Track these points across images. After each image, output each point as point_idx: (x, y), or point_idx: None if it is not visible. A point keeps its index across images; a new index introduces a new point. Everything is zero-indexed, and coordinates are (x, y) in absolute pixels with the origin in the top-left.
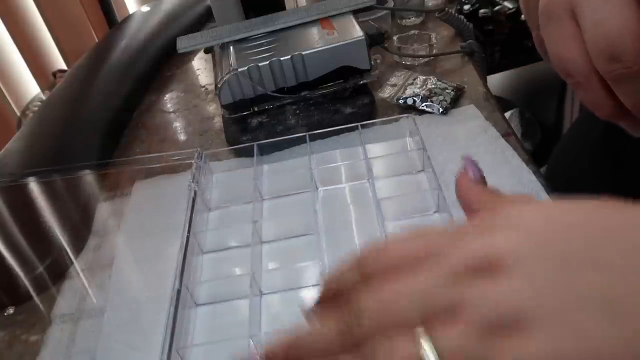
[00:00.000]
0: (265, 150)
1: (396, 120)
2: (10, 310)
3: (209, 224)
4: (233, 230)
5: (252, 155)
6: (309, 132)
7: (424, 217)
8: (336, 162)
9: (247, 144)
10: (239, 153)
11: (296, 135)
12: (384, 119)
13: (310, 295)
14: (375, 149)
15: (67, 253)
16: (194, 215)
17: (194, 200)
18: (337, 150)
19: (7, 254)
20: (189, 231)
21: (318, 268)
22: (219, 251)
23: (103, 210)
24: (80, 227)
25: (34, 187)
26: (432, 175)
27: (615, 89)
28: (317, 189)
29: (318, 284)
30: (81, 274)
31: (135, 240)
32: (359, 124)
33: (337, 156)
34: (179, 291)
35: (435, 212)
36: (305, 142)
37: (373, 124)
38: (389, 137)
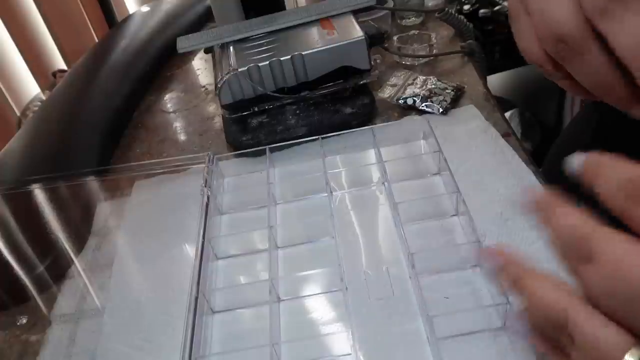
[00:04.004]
0: (270, 149)
1: (409, 121)
2: (23, 320)
3: (222, 229)
4: (247, 236)
5: (255, 155)
6: (322, 136)
7: (443, 220)
8: (349, 165)
9: (259, 147)
10: (243, 152)
11: (309, 138)
12: (398, 120)
13: (328, 301)
14: (389, 151)
15: (67, 253)
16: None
17: (207, 205)
18: (350, 153)
19: (7, 254)
20: (203, 237)
21: (336, 273)
22: (233, 257)
23: (103, 210)
24: (80, 227)
25: (34, 187)
26: (448, 177)
27: (570, 70)
28: (332, 192)
29: (336, 290)
30: (81, 274)
31: (136, 240)
32: (372, 126)
33: (351, 159)
34: (196, 299)
35: (453, 215)
36: (314, 142)
37: (387, 125)
38: (401, 138)
